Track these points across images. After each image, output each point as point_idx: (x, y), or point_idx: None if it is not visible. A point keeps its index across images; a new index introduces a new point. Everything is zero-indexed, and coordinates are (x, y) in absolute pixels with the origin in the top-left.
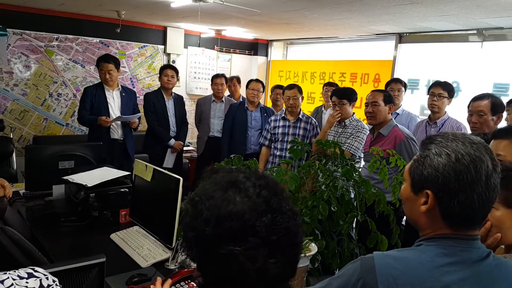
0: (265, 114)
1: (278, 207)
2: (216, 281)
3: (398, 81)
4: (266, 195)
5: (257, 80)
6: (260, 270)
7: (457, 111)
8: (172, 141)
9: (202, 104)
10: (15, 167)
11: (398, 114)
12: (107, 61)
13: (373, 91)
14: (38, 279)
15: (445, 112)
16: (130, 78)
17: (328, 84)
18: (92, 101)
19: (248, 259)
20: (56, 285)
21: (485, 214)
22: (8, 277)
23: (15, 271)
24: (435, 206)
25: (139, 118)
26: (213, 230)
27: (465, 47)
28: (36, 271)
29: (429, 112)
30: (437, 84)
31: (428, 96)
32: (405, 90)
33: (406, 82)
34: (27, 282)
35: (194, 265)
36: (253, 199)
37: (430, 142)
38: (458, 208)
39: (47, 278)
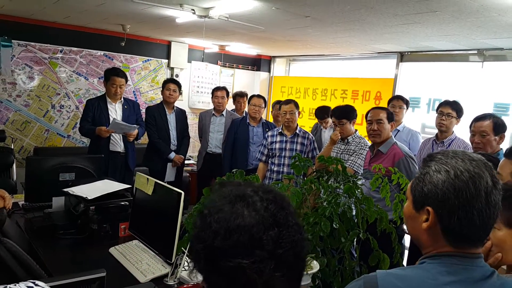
0: (267, 129)
1: (285, 221)
2: None
3: (399, 98)
4: (273, 209)
5: (259, 96)
6: (267, 284)
7: (457, 130)
8: (173, 155)
9: (203, 118)
10: (15, 178)
11: (398, 130)
12: (119, 75)
13: (374, 108)
14: None
15: (453, 131)
16: (133, 91)
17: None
18: (94, 114)
19: (255, 272)
20: None
21: (486, 231)
22: None
23: (15, 285)
24: (436, 223)
25: (140, 128)
26: (221, 243)
27: (466, 66)
28: (36, 285)
29: (430, 130)
30: (446, 104)
31: (436, 114)
32: (407, 107)
33: (408, 99)
34: None
35: (193, 281)
36: (261, 213)
37: (430, 160)
38: (458, 224)
39: None
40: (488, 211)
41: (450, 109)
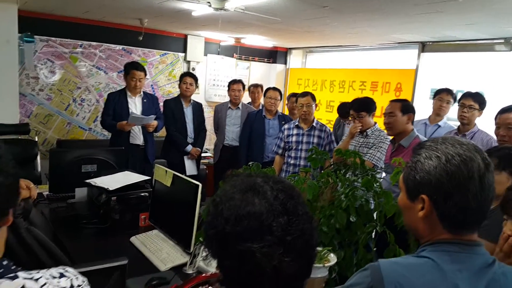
0: (283, 122)
1: (294, 210)
2: (235, 277)
3: (449, 92)
4: (282, 198)
5: (274, 89)
6: (276, 268)
7: (482, 122)
8: (189, 147)
9: (219, 111)
10: (39, 170)
11: (439, 126)
12: (139, 69)
13: (391, 101)
14: (69, 279)
15: (475, 124)
16: (151, 85)
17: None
18: (114, 107)
19: (265, 256)
20: (86, 285)
21: (482, 214)
22: (41, 276)
23: (47, 271)
24: (432, 210)
25: (159, 121)
26: (232, 228)
27: (492, 56)
28: (66, 271)
29: (452, 122)
30: (467, 95)
31: (458, 107)
32: (454, 102)
33: (455, 93)
34: (58, 282)
35: (211, 271)
36: (270, 202)
37: (420, 148)
38: (454, 209)
39: (77, 278)
40: (483, 193)
41: (472, 101)
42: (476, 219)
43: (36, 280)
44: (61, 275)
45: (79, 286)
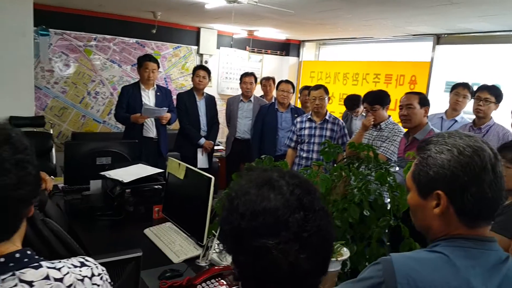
0: (296, 115)
1: (311, 206)
2: (250, 273)
3: (466, 86)
4: (299, 193)
5: (287, 81)
6: (292, 264)
7: (498, 116)
8: (203, 140)
9: (231, 104)
10: (54, 162)
11: (456, 121)
12: (151, 61)
13: (407, 93)
14: (89, 268)
15: (491, 117)
16: (164, 78)
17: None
18: (128, 100)
19: (281, 253)
20: (105, 274)
21: (497, 206)
22: (63, 266)
23: (67, 260)
24: (448, 205)
25: (173, 114)
26: (247, 224)
27: (508, 48)
28: (87, 260)
29: (468, 115)
30: (483, 88)
31: (473, 100)
32: (472, 96)
33: (471, 87)
34: (80, 271)
35: (224, 263)
36: (286, 197)
37: (427, 144)
38: (471, 201)
39: (97, 267)
40: (497, 182)
41: (488, 94)
42: (492, 210)
43: (59, 269)
44: (82, 264)
45: (99, 274)
